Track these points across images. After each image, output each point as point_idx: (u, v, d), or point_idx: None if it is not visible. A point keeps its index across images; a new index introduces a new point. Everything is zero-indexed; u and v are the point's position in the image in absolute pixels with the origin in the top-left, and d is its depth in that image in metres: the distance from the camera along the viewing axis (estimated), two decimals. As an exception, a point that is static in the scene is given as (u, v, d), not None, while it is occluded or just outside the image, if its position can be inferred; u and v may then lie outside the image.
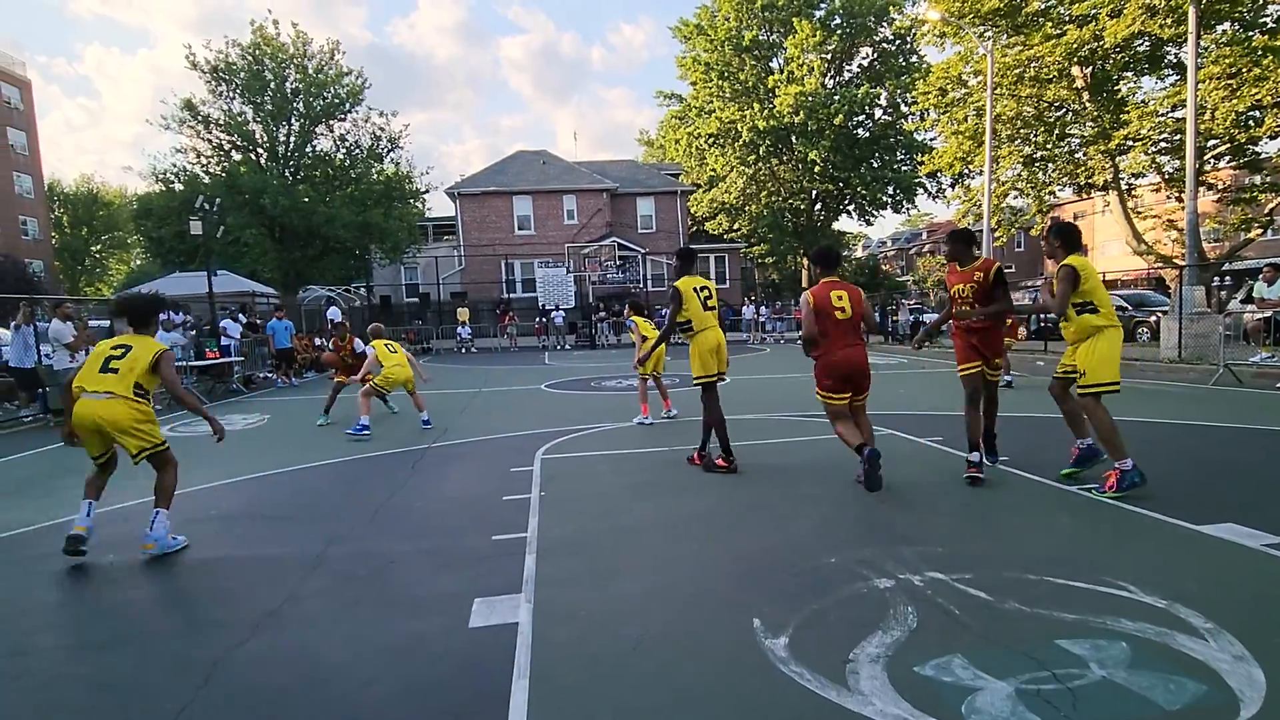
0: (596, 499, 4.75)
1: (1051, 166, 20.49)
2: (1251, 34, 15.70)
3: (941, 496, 4.48)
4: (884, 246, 69.52)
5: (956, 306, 4.86)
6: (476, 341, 25.89)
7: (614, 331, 25.60)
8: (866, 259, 56.77)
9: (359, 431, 7.49)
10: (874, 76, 34.87)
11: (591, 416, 8.39)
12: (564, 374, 14.79)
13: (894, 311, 24.61)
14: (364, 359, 8.39)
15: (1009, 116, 19.47)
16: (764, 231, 36.91)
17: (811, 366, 4.78)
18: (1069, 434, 4.77)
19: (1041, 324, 17.62)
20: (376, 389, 7.98)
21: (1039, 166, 20.68)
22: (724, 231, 37.13)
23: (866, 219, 39.22)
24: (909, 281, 50.85)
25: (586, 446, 6.62)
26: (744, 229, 37.28)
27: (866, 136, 35.54)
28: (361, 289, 30.19)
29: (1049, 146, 20.05)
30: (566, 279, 30.48)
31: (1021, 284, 26.64)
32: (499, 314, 27.02)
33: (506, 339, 25.47)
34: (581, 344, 25.86)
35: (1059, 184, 21.19)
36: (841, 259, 5.13)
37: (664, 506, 4.53)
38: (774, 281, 43.29)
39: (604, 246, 30.63)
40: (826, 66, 34.70)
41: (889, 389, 10.53)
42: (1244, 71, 15.05)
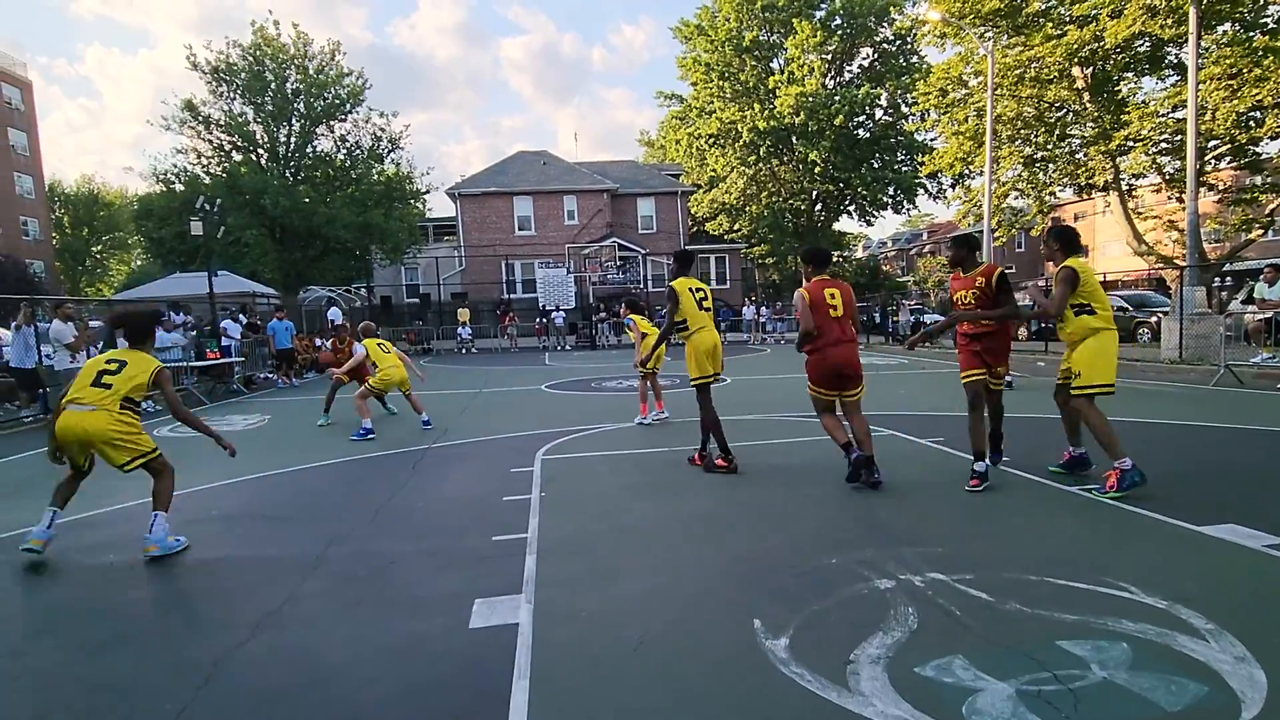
0: (597, 499, 4.75)
1: (1052, 167, 20.51)
2: (1252, 34, 15.71)
3: (942, 497, 4.47)
4: (884, 247, 69.58)
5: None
6: (477, 342, 25.90)
7: (614, 332, 25.60)
8: (867, 259, 56.78)
9: (363, 435, 7.46)
10: (874, 77, 34.89)
11: (592, 417, 8.38)
12: (564, 374, 14.79)
13: (894, 312, 24.58)
14: (369, 363, 8.26)
15: (1009, 117, 19.48)
16: (764, 232, 36.93)
17: (819, 363, 4.82)
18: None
19: (1042, 324, 17.61)
20: (372, 390, 7.91)
21: (1039, 167, 20.70)
22: (724, 232, 37.14)
23: (867, 219, 39.31)
24: (909, 282, 50.88)
25: (587, 447, 6.62)
26: (744, 229, 37.30)
27: (867, 137, 35.57)
28: (362, 289, 30.19)
29: (1049, 147, 20.07)
30: (567, 279, 30.51)
31: (1021, 285, 26.60)
32: (499, 314, 27.04)
33: (507, 339, 25.48)
34: (582, 344, 25.86)
35: (1059, 184, 21.21)
36: (831, 258, 5.19)
37: (665, 507, 4.53)
38: (774, 282, 43.28)
39: (604, 247, 30.64)
40: (827, 67, 34.72)
41: (890, 389, 10.53)
42: (1245, 72, 15.07)
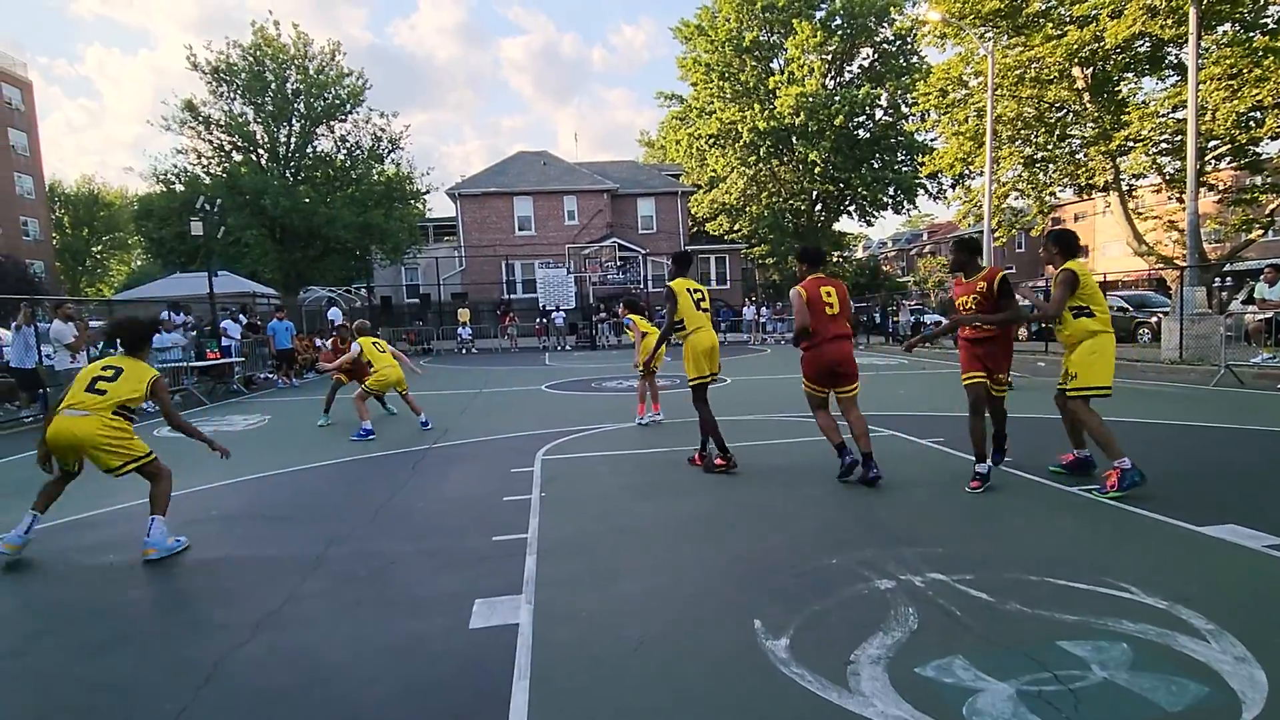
0: (597, 500, 4.75)
1: (1052, 167, 20.51)
2: (1252, 35, 15.72)
3: (942, 497, 4.47)
4: (884, 247, 69.57)
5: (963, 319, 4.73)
6: (477, 342, 25.90)
7: (614, 332, 25.60)
8: (867, 260, 56.76)
9: (363, 436, 7.45)
10: (874, 77, 34.91)
11: (592, 417, 8.38)
12: (564, 375, 14.79)
13: (894, 312, 24.59)
14: (364, 362, 8.21)
15: (1010, 117, 19.48)
16: (764, 232, 36.95)
17: (814, 358, 4.88)
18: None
19: (1043, 325, 17.58)
20: (369, 391, 7.90)
21: (1040, 167, 20.70)
22: (725, 232, 37.15)
23: (867, 220, 39.33)
24: (910, 282, 50.87)
25: (587, 447, 6.62)
26: (744, 230, 37.32)
27: (867, 137, 35.59)
28: (362, 290, 30.20)
29: (1050, 147, 20.07)
30: (567, 280, 30.51)
31: (1019, 285, 26.60)
32: (499, 315, 27.04)
33: (507, 340, 25.49)
34: (582, 345, 25.86)
35: (1060, 185, 21.21)
36: (825, 257, 5.27)
37: (665, 507, 4.52)
38: (774, 282, 43.27)
39: (604, 247, 30.64)
40: (827, 67, 34.74)
41: (890, 390, 10.53)
42: (1245, 72, 15.07)
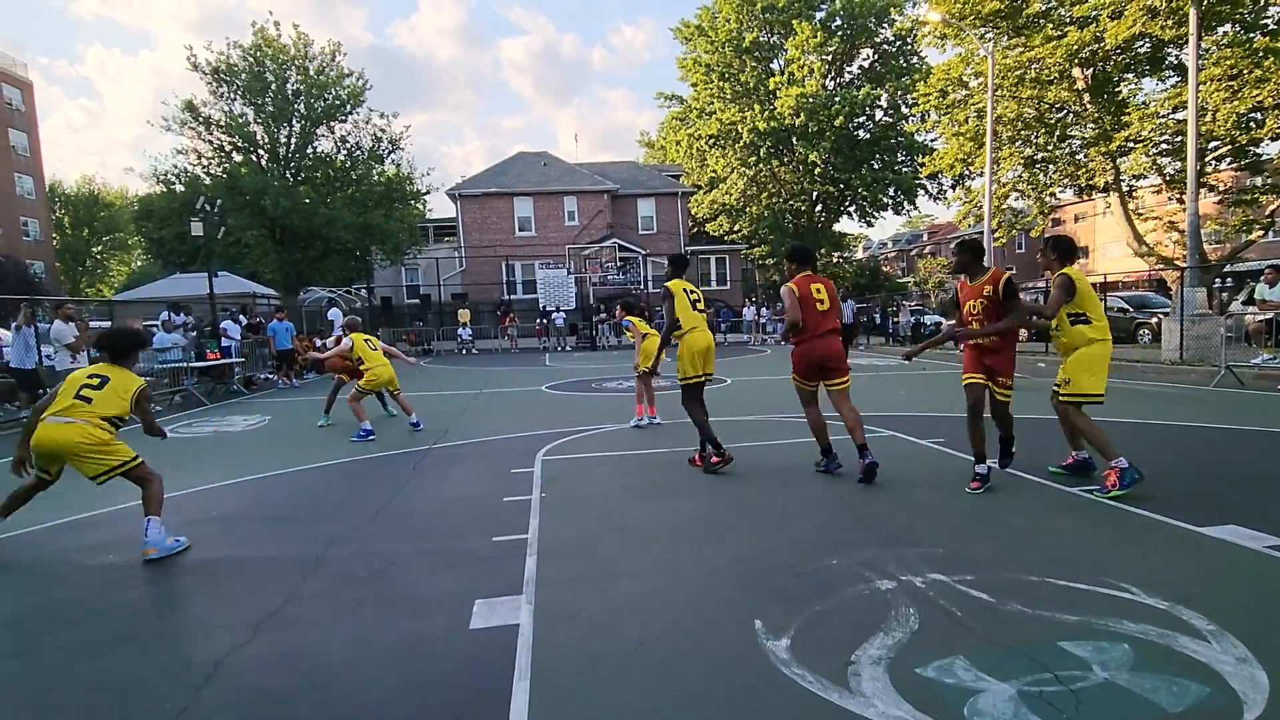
0: (597, 500, 4.75)
1: (1052, 168, 20.51)
2: (1252, 36, 15.72)
3: (943, 498, 4.47)
4: (885, 248, 69.54)
5: (967, 324, 4.64)
6: (477, 343, 25.92)
7: (614, 333, 25.61)
8: (867, 260, 56.73)
9: (363, 436, 7.44)
10: (874, 78, 34.90)
11: (592, 418, 8.38)
12: (564, 375, 14.80)
13: (895, 313, 24.59)
14: (363, 362, 8.10)
15: (1010, 118, 19.48)
16: (765, 233, 36.92)
17: (805, 353, 5.01)
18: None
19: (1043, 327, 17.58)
20: (363, 391, 7.88)
21: (1040, 168, 20.69)
22: (725, 233, 37.14)
23: (867, 220, 39.31)
24: (910, 283, 50.85)
25: (587, 448, 6.62)
26: (745, 230, 37.30)
27: (867, 138, 35.59)
28: (362, 290, 30.22)
29: (1050, 148, 20.06)
30: (567, 280, 30.53)
31: (1024, 286, 26.62)
32: (500, 315, 27.06)
33: (507, 340, 25.51)
34: (582, 345, 25.87)
35: (1060, 185, 21.21)
36: (815, 256, 5.41)
37: (665, 508, 4.52)
38: (775, 283, 43.21)
39: (605, 248, 30.65)
40: (827, 68, 34.74)
41: (890, 390, 10.53)
42: (1245, 73, 15.07)
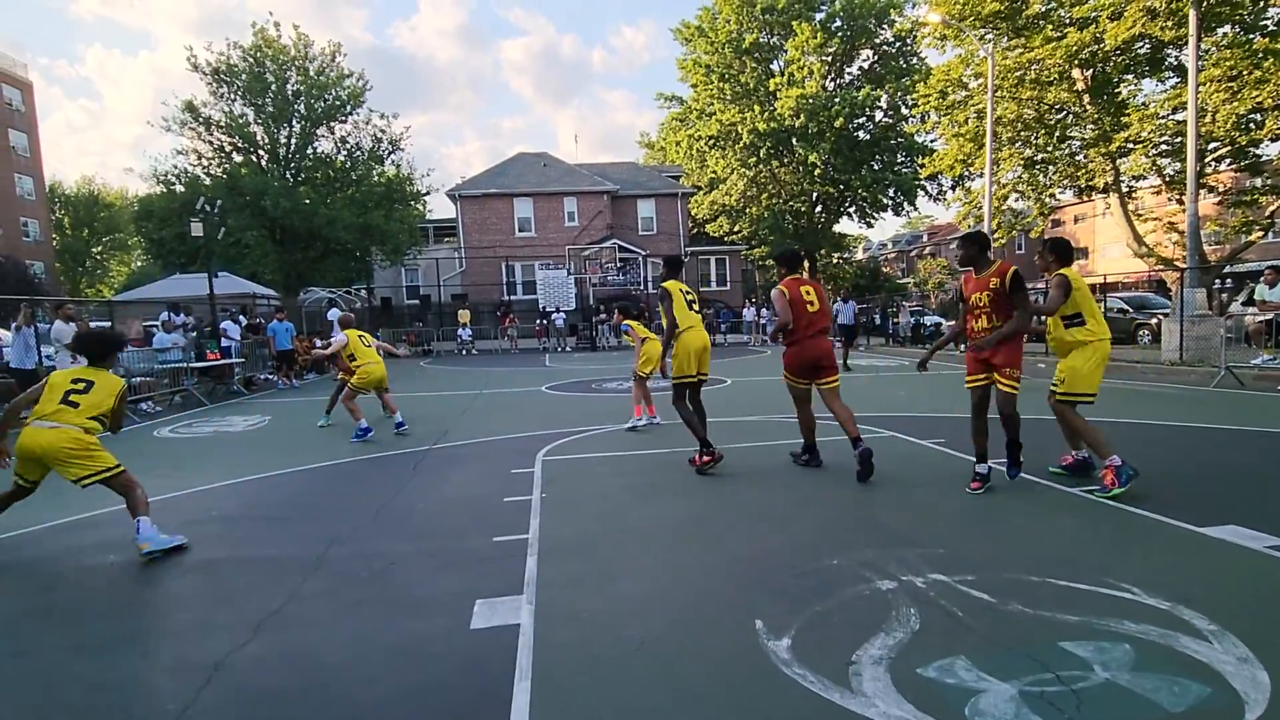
0: (598, 500, 4.74)
1: (1052, 169, 20.52)
2: (1252, 36, 15.73)
3: (943, 498, 4.47)
4: (885, 249, 69.58)
5: (973, 318, 4.57)
6: (477, 343, 25.92)
7: (614, 334, 25.61)
8: (867, 261, 56.76)
9: (362, 435, 7.43)
10: (874, 79, 34.91)
11: (592, 418, 8.38)
12: (564, 376, 14.79)
13: (895, 314, 24.60)
14: (355, 359, 8.00)
15: (1010, 119, 19.49)
16: (765, 234, 36.90)
17: (796, 354, 5.19)
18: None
19: (1042, 325, 17.57)
20: (355, 389, 7.80)
21: (1040, 169, 20.71)
22: (725, 234, 37.15)
23: (867, 221, 39.28)
24: (910, 284, 50.88)
25: (587, 448, 6.61)
26: (745, 231, 37.28)
27: (867, 139, 35.60)
28: (362, 291, 30.23)
29: (1050, 149, 20.08)
30: (567, 281, 30.53)
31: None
32: (500, 316, 27.06)
33: (507, 341, 25.50)
34: (582, 346, 25.87)
35: (1060, 186, 21.22)
36: (804, 259, 5.61)
37: (665, 508, 4.52)
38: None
39: (605, 249, 30.68)
40: (827, 69, 34.75)
41: (890, 391, 10.53)
42: (1244, 74, 15.07)
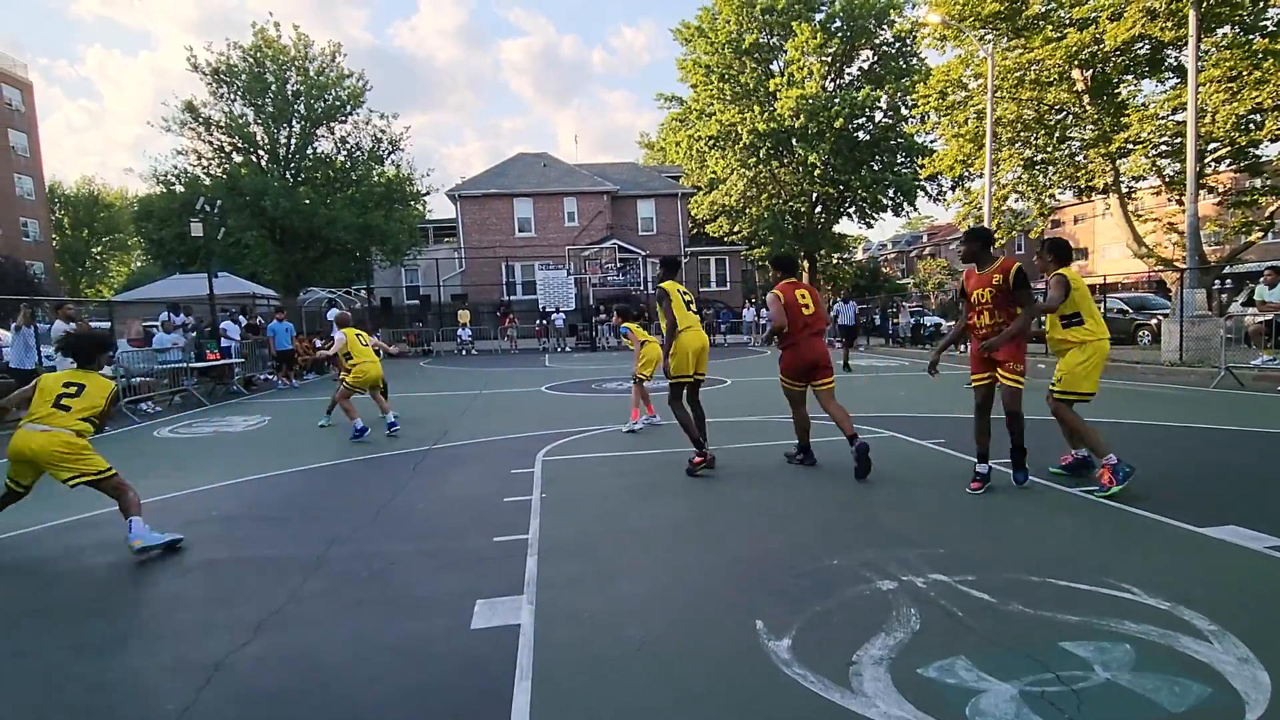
0: (598, 501, 4.74)
1: (1052, 169, 20.52)
2: (1252, 37, 15.73)
3: (943, 498, 4.47)
4: (884, 249, 69.61)
5: (975, 314, 4.52)
6: (477, 344, 25.92)
7: (614, 334, 25.60)
8: (867, 262, 56.78)
9: (359, 435, 7.42)
10: (874, 79, 34.91)
11: (592, 419, 8.38)
12: (564, 376, 14.79)
13: (894, 314, 24.60)
14: (351, 358, 7.88)
15: (1009, 119, 19.49)
16: (765, 234, 36.90)
17: (792, 357, 5.32)
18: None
19: (1042, 324, 17.57)
20: (350, 388, 7.72)
21: (1039, 169, 20.71)
22: (724, 234, 37.16)
23: (867, 221, 39.32)
24: (909, 284, 50.90)
25: (587, 448, 6.61)
26: (744, 231, 37.29)
27: (867, 139, 35.61)
28: (362, 291, 30.23)
29: (1049, 149, 20.08)
30: (567, 281, 30.54)
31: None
32: (499, 316, 27.06)
33: (507, 341, 25.50)
34: (582, 346, 25.88)
35: (1059, 187, 21.22)
36: (798, 263, 5.72)
37: (665, 508, 4.53)
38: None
39: (604, 249, 30.69)
40: (826, 69, 34.76)
41: (889, 391, 10.53)
42: (1244, 75, 15.07)
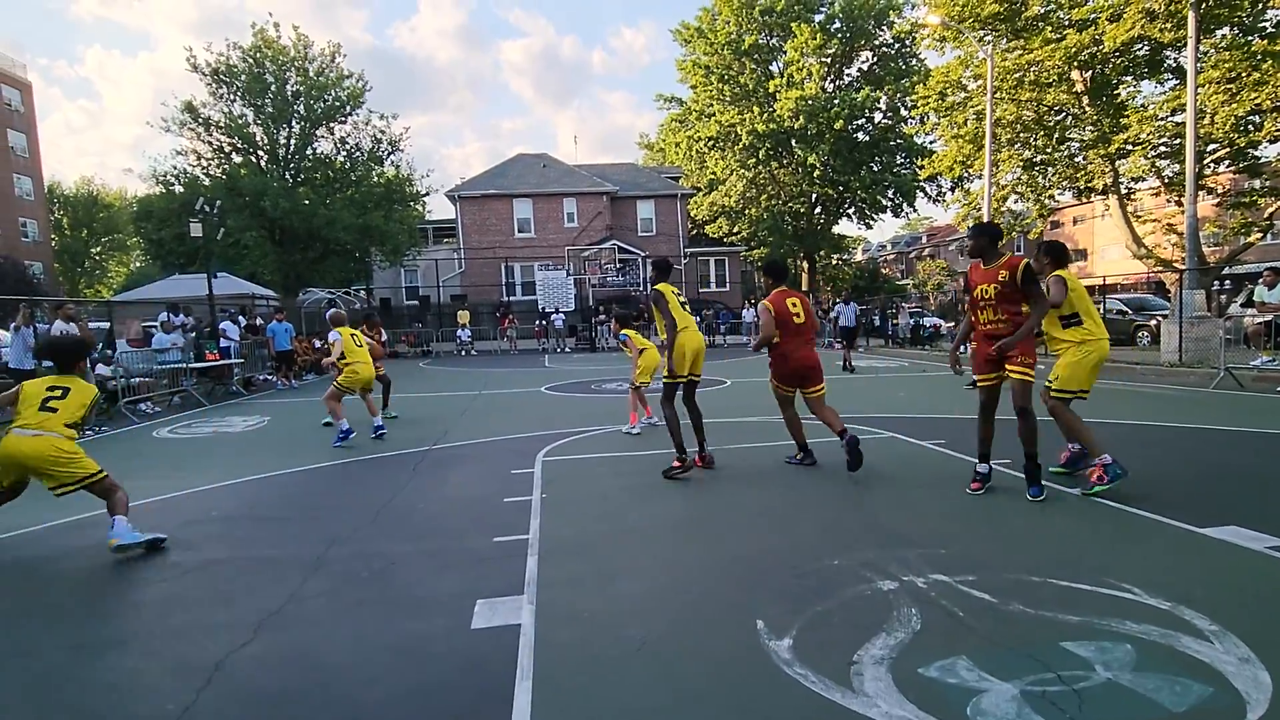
0: (598, 501, 4.74)
1: (1051, 170, 20.54)
2: (1251, 38, 15.74)
3: (944, 499, 4.48)
4: (884, 250, 69.61)
5: (978, 309, 4.42)
6: (476, 344, 25.90)
7: (614, 335, 25.59)
8: (866, 262, 56.79)
9: (344, 438, 7.09)
10: (874, 80, 34.95)
11: (592, 419, 8.38)
12: (564, 377, 14.80)
13: (894, 315, 24.61)
14: (345, 358, 7.64)
15: (1009, 120, 19.51)
16: (764, 235, 36.95)
17: (782, 364, 5.37)
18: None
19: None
20: (341, 389, 7.49)
21: (1039, 170, 20.72)
22: (724, 235, 37.19)
23: (866, 222, 39.42)
24: (909, 285, 50.91)
25: (587, 449, 6.61)
26: (744, 232, 37.33)
27: (866, 140, 35.66)
28: (361, 291, 30.22)
29: (1049, 150, 20.10)
30: (566, 282, 30.52)
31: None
32: (499, 317, 27.04)
33: (506, 342, 25.49)
34: (581, 347, 25.87)
35: (1059, 188, 21.23)
36: (789, 271, 5.69)
37: (665, 508, 4.53)
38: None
39: (604, 249, 30.68)
40: (826, 70, 34.78)
41: (889, 392, 10.54)
42: (1243, 76, 15.09)
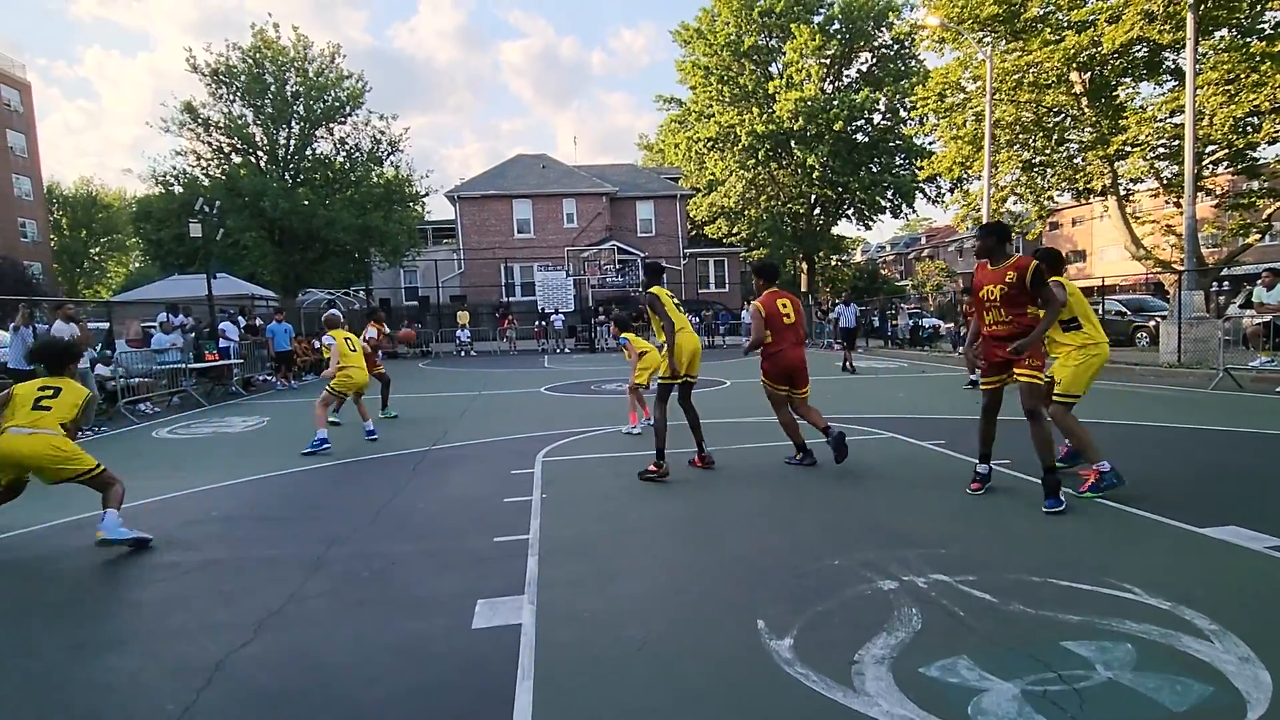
0: (598, 501, 4.75)
1: (1050, 171, 20.56)
2: (1250, 40, 15.76)
3: (944, 499, 4.48)
4: (883, 251, 69.67)
5: (983, 310, 4.31)
6: (476, 345, 25.90)
7: (614, 336, 25.58)
8: (865, 263, 56.83)
9: (316, 447, 6.75)
10: (873, 81, 34.95)
11: (591, 419, 8.38)
12: (563, 377, 14.80)
13: (893, 316, 24.63)
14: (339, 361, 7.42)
15: (1008, 121, 19.53)
16: (763, 236, 36.91)
17: (773, 363, 5.41)
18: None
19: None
20: (334, 393, 7.36)
21: (1038, 171, 20.75)
22: (723, 236, 37.19)
23: (865, 223, 39.39)
24: (908, 286, 50.94)
25: (587, 449, 6.62)
26: (743, 233, 37.30)
27: (865, 141, 35.66)
28: (361, 292, 30.19)
29: (1048, 151, 20.12)
30: (566, 282, 30.53)
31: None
32: (498, 317, 27.03)
33: (506, 342, 25.49)
34: (581, 347, 25.87)
35: (1058, 189, 21.25)
36: (780, 272, 5.73)
37: (666, 508, 4.53)
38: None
39: (603, 250, 30.71)
40: (825, 71, 34.80)
41: (890, 393, 10.55)
42: (1242, 77, 15.11)
